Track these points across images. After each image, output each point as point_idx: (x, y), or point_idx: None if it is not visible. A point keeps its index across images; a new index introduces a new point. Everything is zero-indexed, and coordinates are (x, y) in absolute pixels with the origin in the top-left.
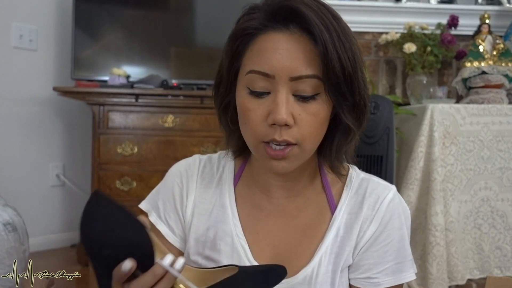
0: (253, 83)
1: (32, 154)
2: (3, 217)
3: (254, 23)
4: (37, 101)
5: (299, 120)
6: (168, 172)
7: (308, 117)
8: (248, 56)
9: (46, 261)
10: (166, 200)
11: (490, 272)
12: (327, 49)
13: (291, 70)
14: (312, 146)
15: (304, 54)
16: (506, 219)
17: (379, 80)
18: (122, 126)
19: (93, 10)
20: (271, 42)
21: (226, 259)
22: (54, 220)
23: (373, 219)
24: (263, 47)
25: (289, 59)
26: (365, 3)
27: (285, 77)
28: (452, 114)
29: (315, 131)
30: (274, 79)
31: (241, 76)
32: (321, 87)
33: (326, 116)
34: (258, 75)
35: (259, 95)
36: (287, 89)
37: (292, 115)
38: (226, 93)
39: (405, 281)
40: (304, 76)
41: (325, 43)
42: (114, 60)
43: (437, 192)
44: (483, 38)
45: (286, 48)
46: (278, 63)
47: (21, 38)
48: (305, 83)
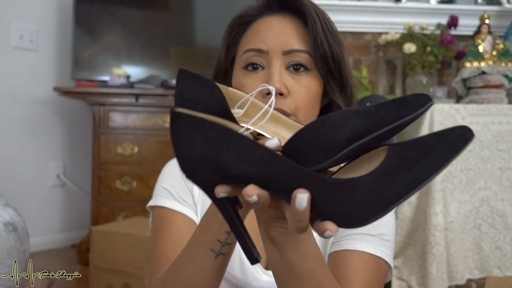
0: (248, 60)
1: (32, 154)
2: (4, 217)
3: (250, 11)
4: (37, 101)
5: (293, 91)
6: (166, 166)
7: (301, 88)
8: (243, 40)
9: (46, 261)
10: (173, 183)
11: (490, 272)
12: (316, 25)
13: (283, 45)
14: (306, 118)
15: (296, 32)
16: (505, 219)
17: (379, 80)
18: (123, 126)
19: (93, 10)
20: (265, 23)
21: None
22: (54, 220)
23: None
24: (258, 29)
25: (282, 35)
26: (365, 3)
27: (278, 51)
28: (452, 114)
29: (309, 103)
30: (268, 54)
31: (237, 61)
32: (312, 63)
33: (317, 91)
34: (253, 52)
35: (254, 69)
36: (280, 62)
37: (285, 86)
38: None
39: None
40: (295, 50)
41: (314, 20)
42: (114, 60)
43: (437, 192)
44: (483, 38)
45: (279, 26)
46: (272, 39)
47: (22, 38)
48: (297, 57)
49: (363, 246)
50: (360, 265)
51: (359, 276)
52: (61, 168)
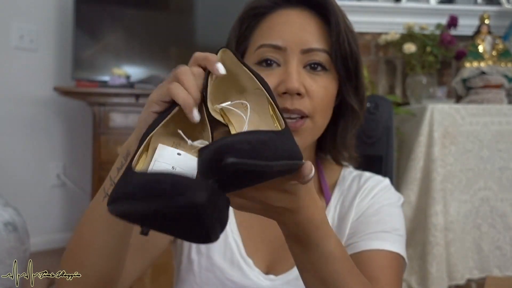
0: (263, 56)
1: (32, 154)
2: (4, 217)
3: (265, 2)
4: (37, 101)
5: (311, 92)
6: None
7: (319, 89)
8: (257, 34)
9: (46, 261)
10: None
11: (490, 271)
12: (339, 24)
13: (302, 43)
14: (323, 121)
15: (315, 28)
16: (505, 219)
17: (379, 80)
18: (123, 126)
19: (93, 10)
20: (282, 17)
21: (218, 254)
22: (54, 220)
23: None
24: (275, 22)
25: (300, 32)
26: (365, 3)
27: (296, 49)
28: (452, 114)
29: (326, 104)
30: (286, 51)
31: (249, 56)
32: (330, 63)
33: (334, 93)
34: (269, 48)
35: (268, 65)
36: (297, 60)
37: (304, 86)
38: None
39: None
40: (315, 49)
41: (337, 18)
42: (114, 60)
43: (437, 192)
44: (483, 38)
45: (298, 22)
46: (290, 35)
47: (22, 38)
48: (316, 56)
49: (382, 244)
50: (383, 263)
51: (386, 275)
52: (61, 168)
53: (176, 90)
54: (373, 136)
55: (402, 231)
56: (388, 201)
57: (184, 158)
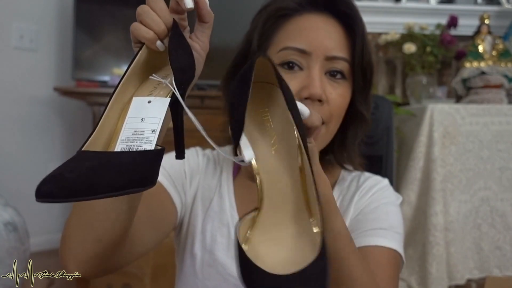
0: (286, 58)
1: (32, 154)
2: (4, 217)
3: (291, 4)
4: (37, 101)
5: (330, 99)
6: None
7: (337, 97)
8: (282, 35)
9: (46, 261)
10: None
11: (490, 271)
12: (363, 35)
13: (328, 50)
14: (335, 128)
15: (339, 37)
16: (505, 219)
17: (379, 80)
18: None
19: (93, 10)
20: (309, 21)
21: (222, 251)
22: (54, 220)
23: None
24: (301, 26)
25: (326, 39)
26: (365, 3)
27: (321, 55)
28: (452, 114)
29: (341, 113)
30: (310, 56)
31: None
32: (349, 72)
33: (348, 101)
34: (294, 51)
35: (290, 68)
36: (319, 66)
37: (325, 93)
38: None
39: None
40: (338, 57)
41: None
42: (114, 60)
43: (437, 192)
44: (483, 38)
45: (324, 28)
46: (316, 41)
47: (22, 38)
48: (338, 64)
49: (379, 241)
50: (380, 259)
51: (382, 271)
52: None
53: (136, 31)
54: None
55: (399, 229)
56: (386, 200)
57: (154, 104)
